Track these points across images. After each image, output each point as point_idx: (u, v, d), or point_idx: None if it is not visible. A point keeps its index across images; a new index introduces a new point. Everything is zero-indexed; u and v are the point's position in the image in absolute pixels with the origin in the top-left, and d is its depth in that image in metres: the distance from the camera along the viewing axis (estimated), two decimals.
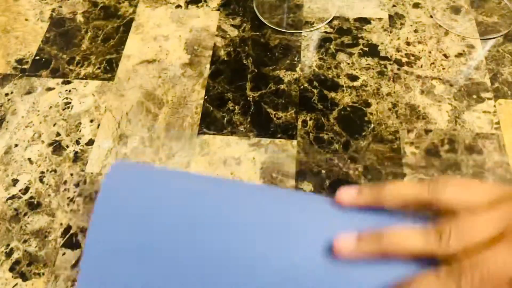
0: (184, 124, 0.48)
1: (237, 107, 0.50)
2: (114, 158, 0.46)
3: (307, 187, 0.44)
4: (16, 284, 0.39)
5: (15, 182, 0.45)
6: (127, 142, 0.47)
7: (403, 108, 0.49)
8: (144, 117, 0.49)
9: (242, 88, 0.51)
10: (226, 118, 0.49)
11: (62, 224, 0.42)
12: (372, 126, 0.48)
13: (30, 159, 0.46)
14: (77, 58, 0.54)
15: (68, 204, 0.43)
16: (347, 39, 0.55)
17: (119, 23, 0.58)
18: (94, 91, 0.51)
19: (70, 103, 0.50)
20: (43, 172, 0.45)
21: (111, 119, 0.49)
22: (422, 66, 0.52)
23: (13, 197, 0.44)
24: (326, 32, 0.56)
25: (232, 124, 0.48)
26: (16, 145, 0.47)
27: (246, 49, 0.55)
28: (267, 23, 0.57)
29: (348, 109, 0.49)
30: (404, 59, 0.53)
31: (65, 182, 0.44)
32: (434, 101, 0.49)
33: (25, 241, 0.41)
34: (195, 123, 0.48)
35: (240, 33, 0.56)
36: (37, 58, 0.54)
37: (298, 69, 0.53)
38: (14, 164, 0.46)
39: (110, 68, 0.53)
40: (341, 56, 0.54)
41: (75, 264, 0.40)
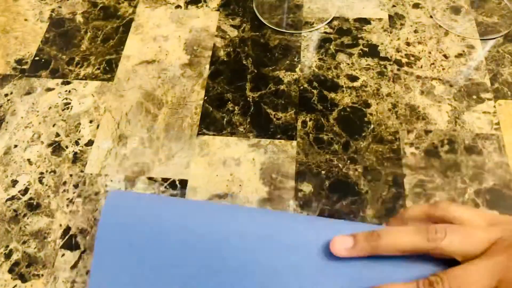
0: (184, 125, 0.48)
1: (236, 108, 0.50)
2: (114, 158, 0.46)
3: (306, 187, 0.44)
4: (15, 285, 0.39)
5: (15, 183, 0.45)
6: (127, 142, 0.47)
7: (403, 109, 0.49)
8: (144, 117, 0.49)
9: (241, 89, 0.51)
10: (225, 119, 0.49)
11: (61, 225, 0.42)
12: (372, 126, 0.48)
13: (29, 160, 0.46)
14: (76, 59, 0.54)
15: (68, 205, 0.43)
16: (347, 40, 0.55)
17: (119, 24, 0.58)
18: (94, 92, 0.51)
19: (69, 103, 0.50)
20: (42, 173, 0.45)
21: (111, 120, 0.49)
22: (422, 66, 0.52)
23: (12, 198, 0.44)
24: (326, 32, 0.56)
25: (232, 125, 0.48)
26: (16, 145, 0.47)
27: (245, 49, 0.54)
28: (267, 24, 0.57)
29: (348, 109, 0.49)
30: (404, 60, 0.53)
31: (64, 183, 0.44)
32: (434, 101, 0.49)
33: (24, 242, 0.41)
34: (195, 124, 0.48)
35: (239, 33, 0.56)
36: (36, 58, 0.54)
37: (297, 69, 0.52)
38: (13, 165, 0.46)
39: (109, 69, 0.53)
40: (341, 56, 0.53)
41: (74, 265, 0.40)
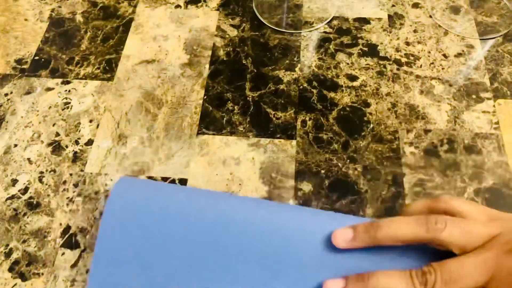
0: (184, 124, 0.48)
1: (236, 107, 0.50)
2: (114, 158, 0.46)
3: (306, 187, 0.44)
4: (15, 284, 0.39)
5: (15, 182, 0.45)
6: (126, 142, 0.47)
7: (403, 108, 0.49)
8: (144, 117, 0.49)
9: (241, 88, 0.51)
10: (225, 118, 0.49)
11: (61, 224, 0.42)
12: (371, 126, 0.48)
13: (29, 159, 0.46)
14: (76, 58, 0.54)
15: (68, 204, 0.43)
16: (346, 39, 0.55)
17: (119, 23, 0.58)
18: (94, 91, 0.51)
19: (69, 103, 0.50)
20: (42, 172, 0.45)
21: (111, 119, 0.49)
22: (421, 66, 0.52)
23: (12, 197, 0.44)
24: (325, 32, 0.56)
25: (232, 124, 0.48)
26: (16, 145, 0.47)
27: (245, 49, 0.55)
28: (267, 23, 0.57)
29: (348, 109, 0.49)
30: (404, 59, 0.53)
31: (64, 182, 0.45)
32: (433, 101, 0.49)
33: (24, 241, 0.41)
34: (195, 123, 0.48)
35: (239, 33, 0.56)
36: (36, 58, 0.54)
37: (297, 69, 0.53)
38: (13, 164, 0.46)
39: (109, 68, 0.53)
40: (340, 56, 0.54)
41: (74, 264, 0.40)
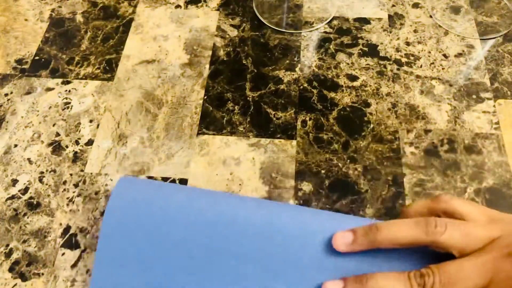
0: (184, 124, 0.48)
1: (236, 107, 0.50)
2: (114, 158, 0.46)
3: (306, 187, 0.44)
4: (15, 284, 0.39)
5: (15, 182, 0.45)
6: (127, 142, 0.47)
7: (403, 108, 0.49)
8: (144, 117, 0.49)
9: (241, 88, 0.51)
10: (225, 118, 0.49)
11: (61, 224, 0.42)
12: (371, 126, 0.48)
13: (29, 159, 0.46)
14: (76, 58, 0.54)
15: (68, 204, 0.43)
16: (346, 39, 0.55)
17: (119, 23, 0.58)
18: (94, 91, 0.51)
19: (69, 103, 0.50)
20: (42, 172, 0.45)
21: (111, 119, 0.49)
22: (421, 66, 0.52)
23: (12, 197, 0.44)
24: (325, 32, 0.56)
25: (232, 124, 0.48)
26: (16, 145, 0.47)
27: (245, 49, 0.55)
28: (267, 23, 0.57)
29: (348, 109, 0.49)
30: (404, 59, 0.53)
31: (64, 182, 0.45)
32: (433, 101, 0.49)
33: (24, 241, 0.41)
34: (195, 123, 0.48)
35: (239, 33, 0.56)
36: (36, 58, 0.54)
37: (297, 69, 0.53)
38: (13, 164, 0.46)
39: (109, 68, 0.53)
40: (340, 56, 0.54)
41: (74, 264, 0.40)
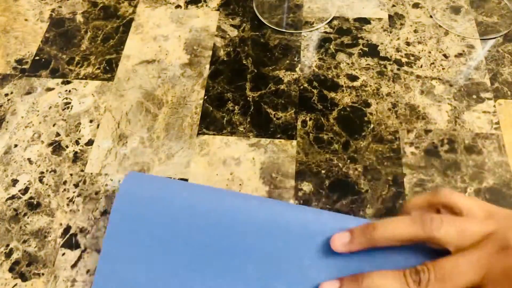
0: (184, 124, 0.48)
1: (236, 107, 0.50)
2: (114, 158, 0.46)
3: (306, 187, 0.44)
4: (15, 284, 0.39)
5: (15, 182, 0.45)
6: (127, 142, 0.47)
7: (403, 108, 0.49)
8: (144, 117, 0.49)
9: (241, 88, 0.51)
10: (225, 118, 0.49)
11: (61, 224, 0.42)
12: (371, 126, 0.48)
13: (29, 159, 0.46)
14: (76, 58, 0.54)
15: (68, 204, 0.43)
16: (347, 39, 0.55)
17: (119, 23, 0.58)
18: (94, 91, 0.51)
19: (69, 103, 0.50)
20: (42, 172, 0.45)
21: (111, 119, 0.49)
22: (422, 66, 0.52)
23: (12, 197, 0.44)
24: (326, 32, 0.56)
25: (232, 124, 0.48)
26: (16, 145, 0.47)
27: (245, 49, 0.55)
28: (267, 23, 0.57)
29: (348, 109, 0.49)
30: (404, 59, 0.53)
31: (64, 182, 0.44)
32: (434, 101, 0.49)
33: (24, 241, 0.41)
34: (195, 123, 0.48)
35: (239, 33, 0.56)
36: (36, 58, 0.54)
37: (297, 69, 0.53)
38: (13, 164, 0.46)
39: (109, 68, 0.53)
40: (340, 56, 0.54)
41: (74, 264, 0.40)
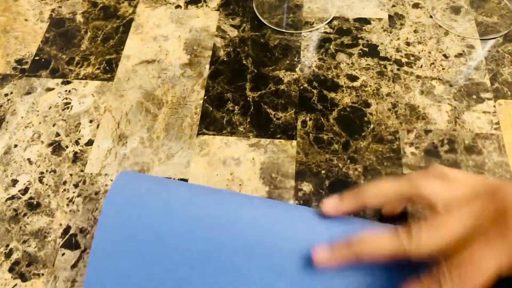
0: (184, 124, 0.48)
1: (236, 108, 0.50)
2: (114, 158, 0.46)
3: (306, 187, 0.44)
4: (15, 284, 0.39)
5: (15, 182, 0.45)
6: (127, 142, 0.47)
7: (403, 109, 0.49)
8: (144, 117, 0.49)
9: (241, 89, 0.51)
10: (225, 119, 0.49)
11: (61, 224, 0.42)
12: (371, 126, 0.48)
13: (29, 160, 0.46)
14: (76, 59, 0.54)
15: (68, 205, 0.43)
16: (347, 40, 0.55)
17: (119, 23, 0.58)
18: (94, 92, 0.51)
19: (69, 103, 0.50)
20: (42, 173, 0.45)
21: (111, 120, 0.49)
22: (422, 66, 0.52)
23: (12, 197, 0.44)
24: (326, 32, 0.56)
25: (232, 125, 0.48)
26: (16, 145, 0.47)
27: (245, 49, 0.55)
28: (267, 23, 0.57)
29: (348, 109, 0.49)
30: (404, 60, 0.53)
31: (64, 183, 0.44)
32: (434, 101, 0.49)
33: (24, 241, 0.41)
34: (195, 123, 0.48)
35: (239, 33, 0.56)
36: (36, 58, 0.54)
37: (297, 69, 0.53)
38: (13, 165, 0.46)
39: (109, 69, 0.53)
40: (340, 56, 0.54)
41: (74, 265, 0.40)
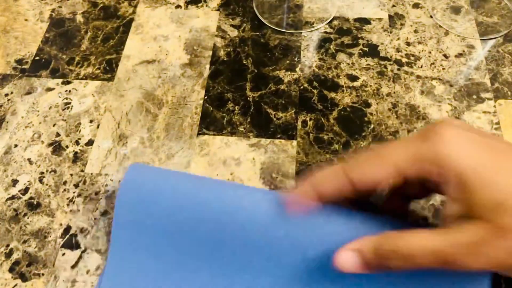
0: (184, 124, 0.48)
1: (237, 108, 0.50)
2: (114, 158, 0.46)
3: None
4: (15, 284, 0.39)
5: (15, 182, 0.45)
6: (127, 142, 0.47)
7: (403, 109, 0.49)
8: (144, 117, 0.49)
9: (242, 88, 0.51)
10: (226, 119, 0.49)
11: (61, 224, 0.42)
12: (372, 126, 0.48)
13: (29, 160, 0.46)
14: (76, 59, 0.54)
15: (68, 205, 0.43)
16: (347, 40, 0.55)
17: (119, 24, 0.58)
18: (94, 92, 0.51)
19: (69, 103, 0.50)
20: (42, 173, 0.45)
21: (111, 120, 0.49)
22: (422, 66, 0.52)
23: (12, 197, 0.44)
24: (326, 32, 0.56)
25: (232, 125, 0.48)
26: (16, 145, 0.47)
27: (246, 49, 0.55)
28: (267, 23, 0.57)
29: (348, 109, 0.49)
30: (404, 59, 0.53)
31: (64, 183, 0.44)
32: (434, 101, 0.49)
33: (24, 241, 0.41)
34: (195, 123, 0.48)
35: (240, 33, 0.56)
36: (36, 58, 0.54)
37: (298, 69, 0.53)
38: (13, 165, 0.46)
39: (109, 69, 0.53)
40: (341, 56, 0.54)
41: (74, 265, 0.40)
